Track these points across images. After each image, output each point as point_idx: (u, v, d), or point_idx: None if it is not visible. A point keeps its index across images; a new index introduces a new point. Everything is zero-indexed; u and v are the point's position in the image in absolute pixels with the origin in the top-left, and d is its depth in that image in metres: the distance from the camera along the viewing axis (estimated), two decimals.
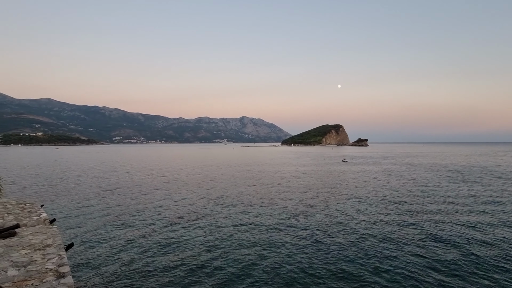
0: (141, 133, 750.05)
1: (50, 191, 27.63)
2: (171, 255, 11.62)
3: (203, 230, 14.93)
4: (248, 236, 13.94)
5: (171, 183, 32.36)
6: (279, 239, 13.39)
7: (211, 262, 10.90)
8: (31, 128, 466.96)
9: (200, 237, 13.82)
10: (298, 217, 17.24)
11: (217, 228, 15.17)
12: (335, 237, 13.54)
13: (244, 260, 11.12)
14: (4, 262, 5.79)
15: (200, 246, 12.60)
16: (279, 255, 11.58)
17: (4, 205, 10.87)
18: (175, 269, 10.34)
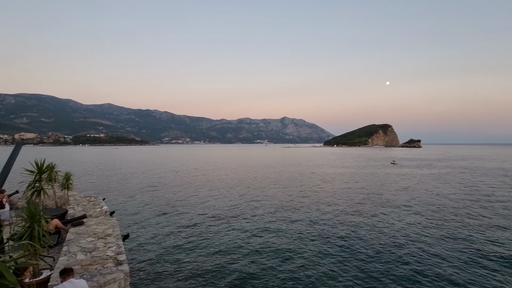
0: (187, 134, 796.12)
1: (110, 186, 30.91)
2: (212, 250, 12.09)
3: (242, 229, 15.21)
4: (283, 238, 13.82)
5: (214, 182, 33.66)
6: (310, 244, 13.00)
7: (246, 262, 11.05)
8: (96, 130, 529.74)
9: (239, 236, 14.11)
10: (336, 223, 16.53)
11: (255, 227, 15.32)
12: (373, 249, 12.65)
13: (275, 265, 11.04)
14: (74, 247, 6.62)
15: (237, 245, 12.86)
16: (307, 260, 11.24)
17: (74, 197, 12.46)
18: (215, 264, 10.72)
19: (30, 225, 5.37)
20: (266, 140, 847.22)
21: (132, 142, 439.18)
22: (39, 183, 7.75)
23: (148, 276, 9.79)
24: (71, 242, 6.92)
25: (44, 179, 7.84)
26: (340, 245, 12.70)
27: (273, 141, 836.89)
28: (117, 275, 5.32)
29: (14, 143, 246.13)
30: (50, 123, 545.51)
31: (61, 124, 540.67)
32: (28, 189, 7.80)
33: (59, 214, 9.26)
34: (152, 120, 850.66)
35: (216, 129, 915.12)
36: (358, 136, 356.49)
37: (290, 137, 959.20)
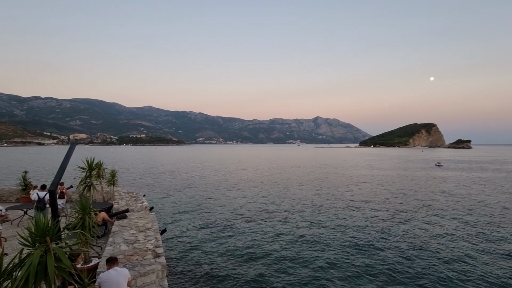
0: (220, 134, 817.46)
1: (149, 183, 33.00)
2: (242, 249, 12.28)
3: (273, 229, 15.21)
4: (312, 241, 13.52)
5: (247, 182, 34.13)
6: (339, 249, 12.51)
7: (275, 262, 11.02)
8: (137, 131, 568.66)
9: (269, 236, 14.13)
10: (368, 228, 15.72)
11: (285, 228, 15.21)
12: (405, 258, 11.78)
13: (303, 268, 10.84)
14: (119, 238, 7.22)
15: (267, 245, 12.89)
16: (334, 265, 10.83)
17: (119, 193, 13.54)
18: (245, 263, 10.88)
19: (82, 216, 5.99)
20: (298, 140, 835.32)
21: (169, 142, 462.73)
22: (89, 179, 8.59)
23: (183, 270, 10.28)
24: (116, 234, 7.55)
25: (93, 175, 8.67)
26: (371, 252, 12.09)
27: (306, 142, 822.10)
28: (155, 267, 5.69)
29: (69, 143, 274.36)
30: (98, 124, 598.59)
31: (108, 126, 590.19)
32: (80, 184, 8.69)
33: (106, 207, 10.13)
34: (188, 121, 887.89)
35: (248, 129, 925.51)
36: (397, 136, 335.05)
37: (323, 137, 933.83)
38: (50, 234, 2.92)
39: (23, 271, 2.63)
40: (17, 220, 10.52)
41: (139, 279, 5.37)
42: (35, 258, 2.66)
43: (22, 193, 13.91)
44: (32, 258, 2.67)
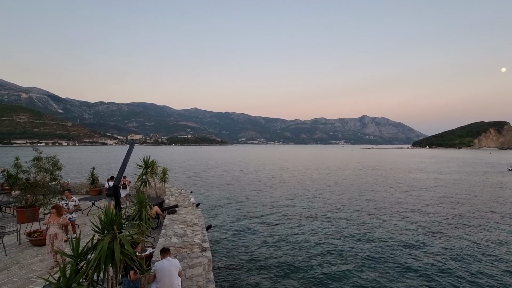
0: (262, 135, 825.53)
1: (196, 180, 34.90)
2: (284, 248, 12.25)
3: (315, 231, 14.85)
4: (356, 248, 12.79)
5: (288, 182, 33.93)
6: (388, 259, 11.56)
7: (317, 265, 10.71)
8: (185, 131, 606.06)
9: (311, 237, 13.82)
10: (422, 238, 14.30)
11: (328, 231, 14.70)
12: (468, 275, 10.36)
13: (345, 273, 10.30)
14: (170, 231, 7.81)
15: (309, 246, 12.61)
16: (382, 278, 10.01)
17: (169, 189, 14.61)
18: (287, 262, 10.82)
19: (139, 209, 6.62)
20: (342, 140, 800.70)
21: (213, 142, 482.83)
22: (145, 176, 9.47)
23: (226, 265, 10.67)
24: (167, 227, 8.18)
25: (149, 172, 9.52)
26: (424, 270, 11.01)
27: (351, 142, 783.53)
28: (202, 260, 6.03)
29: (127, 142, 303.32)
30: (151, 126, 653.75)
31: (159, 127, 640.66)
32: (138, 180, 9.64)
33: (158, 202, 11.03)
34: (231, 122, 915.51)
35: (290, 129, 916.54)
36: (459, 136, 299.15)
37: (370, 138, 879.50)
38: (117, 223, 3.34)
39: (96, 254, 3.07)
40: (87, 210, 12.11)
41: (187, 271, 5.75)
42: (105, 244, 3.08)
43: (91, 187, 15.92)
44: (103, 244, 3.09)
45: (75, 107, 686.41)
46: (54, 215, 7.00)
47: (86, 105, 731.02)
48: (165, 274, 4.37)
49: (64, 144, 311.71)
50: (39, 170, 10.97)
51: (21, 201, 10.44)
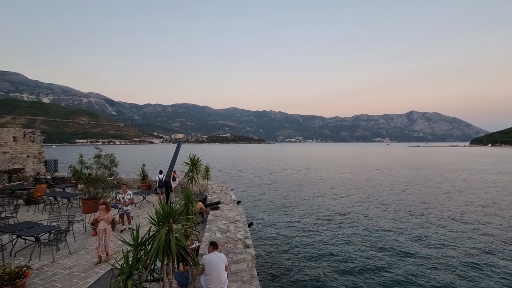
0: (299, 133, 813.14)
1: (236, 178, 35.75)
2: (323, 249, 11.92)
3: (355, 233, 14.15)
4: (397, 256, 11.82)
5: (328, 181, 32.91)
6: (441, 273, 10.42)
7: (357, 269, 10.15)
8: (223, 130, 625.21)
9: (352, 240, 13.20)
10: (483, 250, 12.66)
11: (370, 235, 13.87)
12: None
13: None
14: (214, 226, 8.09)
15: (350, 249, 12.05)
16: None
17: (211, 186, 15.15)
18: (326, 263, 10.48)
19: (186, 204, 6.98)
20: (387, 138, 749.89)
21: (251, 141, 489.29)
22: (191, 173, 9.96)
23: (268, 262, 10.73)
24: (211, 222, 8.48)
25: (194, 170, 9.99)
26: None
27: (397, 140, 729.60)
28: (246, 256, 6.13)
29: (175, 142, 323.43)
30: (193, 125, 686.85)
31: (200, 126, 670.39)
32: (185, 177, 10.19)
33: (202, 198, 11.51)
34: (268, 120, 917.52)
35: (329, 127, 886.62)
36: None
37: (419, 135, 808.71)
38: (172, 217, 3.57)
39: (154, 244, 3.32)
40: (139, 204, 13.18)
41: (232, 266, 5.90)
42: (162, 235, 3.31)
43: (141, 182, 17.27)
44: (160, 235, 3.32)
45: (126, 109, 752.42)
46: (103, 211, 7.35)
47: (136, 107, 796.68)
48: (213, 267, 4.53)
49: (117, 143, 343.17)
50: (99, 166, 12.23)
51: (85, 194, 11.76)
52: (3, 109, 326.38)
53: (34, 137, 20.64)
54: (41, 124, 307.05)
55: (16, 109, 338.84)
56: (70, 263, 7.02)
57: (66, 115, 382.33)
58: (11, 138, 18.93)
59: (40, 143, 21.25)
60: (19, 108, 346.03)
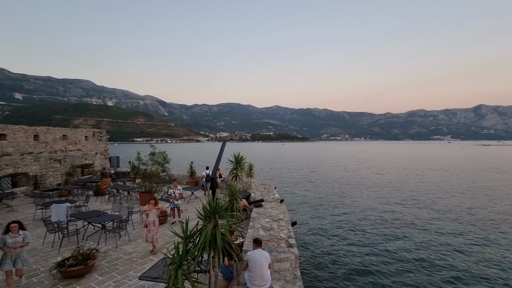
0: (345, 131, 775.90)
1: (279, 176, 35.74)
2: (370, 252, 11.18)
3: (408, 240, 12.92)
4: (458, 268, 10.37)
5: (377, 182, 30.84)
6: None
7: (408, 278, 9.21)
8: (267, 129, 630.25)
9: (403, 246, 12.09)
10: None
11: (424, 243, 12.52)
12: None
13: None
14: (257, 224, 8.19)
15: (401, 256, 11.04)
16: None
17: (255, 184, 15.37)
18: (373, 267, 9.80)
19: (231, 201, 7.19)
20: (448, 136, 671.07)
21: (294, 139, 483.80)
22: (236, 171, 10.26)
23: (312, 263, 10.49)
24: (255, 220, 8.61)
25: (239, 168, 10.27)
26: None
27: (460, 137, 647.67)
28: (289, 256, 6.08)
29: (220, 140, 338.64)
30: (236, 124, 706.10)
31: (243, 125, 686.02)
32: (230, 174, 10.55)
33: (246, 196, 11.75)
34: (312, 118, 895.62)
35: (379, 124, 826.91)
36: None
37: (490, 132, 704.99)
38: (218, 213, 3.73)
39: (201, 238, 3.51)
40: (188, 198, 14.04)
41: (275, 264, 5.90)
42: (209, 230, 3.48)
43: (190, 178, 18.36)
44: (207, 229, 3.50)
45: (176, 110, 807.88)
46: (152, 205, 7.81)
47: (185, 107, 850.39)
48: (257, 264, 4.60)
49: (168, 141, 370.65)
50: (153, 163, 13.35)
51: (142, 187, 12.95)
52: (77, 112, 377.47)
53: (101, 136, 23.41)
54: (106, 124, 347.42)
55: (87, 112, 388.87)
56: (129, 249, 7.81)
57: (126, 116, 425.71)
58: (83, 137, 21.75)
59: (105, 142, 24.05)
60: (89, 111, 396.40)
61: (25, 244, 5.62)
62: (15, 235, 5.52)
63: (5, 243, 5.41)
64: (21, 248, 5.53)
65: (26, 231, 5.75)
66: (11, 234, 5.52)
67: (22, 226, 5.76)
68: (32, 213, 11.39)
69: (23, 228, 5.77)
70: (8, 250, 5.36)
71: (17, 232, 5.56)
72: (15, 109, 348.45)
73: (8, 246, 5.39)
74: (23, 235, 5.61)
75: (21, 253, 5.55)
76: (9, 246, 5.39)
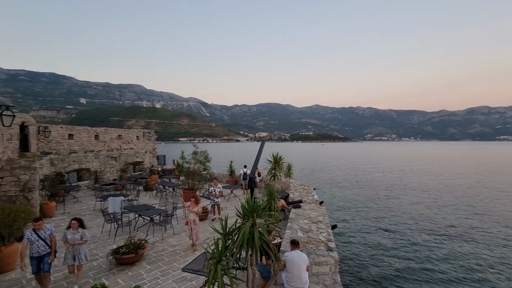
0: (392, 130, 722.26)
1: (318, 177, 34.81)
2: (420, 263, 10.20)
3: (460, 252, 11.50)
4: None
5: (429, 187, 28.18)
6: None
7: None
8: (306, 129, 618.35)
9: (454, 259, 10.78)
10: None
11: (482, 258, 10.99)
12: None
13: None
14: (295, 225, 8.09)
15: (452, 270, 9.85)
16: None
17: (293, 184, 15.20)
18: (418, 276, 8.91)
19: (269, 201, 7.22)
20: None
21: (335, 139, 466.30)
22: (274, 171, 10.27)
23: (353, 269, 10.02)
24: (293, 221, 8.51)
25: (277, 168, 10.27)
26: None
27: None
28: (329, 260, 5.88)
29: (255, 140, 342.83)
30: (275, 124, 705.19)
31: (282, 125, 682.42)
32: (268, 174, 10.60)
33: (284, 196, 11.68)
34: (355, 117, 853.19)
35: (432, 123, 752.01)
36: None
37: None
38: (256, 212, 3.79)
39: (240, 235, 3.60)
40: (227, 197, 14.47)
41: (314, 267, 5.77)
42: (247, 228, 3.56)
43: (229, 177, 18.89)
44: (245, 228, 3.58)
45: (217, 110, 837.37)
46: (194, 203, 8.00)
47: (225, 108, 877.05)
48: (294, 265, 4.54)
49: (210, 141, 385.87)
50: (196, 162, 14.03)
51: (185, 184, 13.70)
52: (130, 114, 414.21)
53: (150, 136, 25.38)
54: (154, 125, 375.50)
55: (138, 114, 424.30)
56: (174, 242, 8.33)
57: (172, 117, 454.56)
58: (134, 137, 23.80)
59: (154, 141, 26.01)
60: (140, 113, 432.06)
61: (83, 242, 5.71)
62: (74, 231, 5.65)
63: (66, 239, 5.61)
64: (79, 245, 5.67)
65: (85, 230, 5.84)
66: (72, 230, 5.66)
67: (82, 224, 5.85)
68: (93, 204, 12.83)
69: (83, 226, 5.86)
70: (68, 246, 5.58)
71: (76, 229, 5.68)
72: (80, 112, 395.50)
73: (68, 241, 5.59)
74: (81, 233, 5.72)
75: (80, 250, 5.69)
76: (68, 242, 5.58)
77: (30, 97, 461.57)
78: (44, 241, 5.41)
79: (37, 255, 5.35)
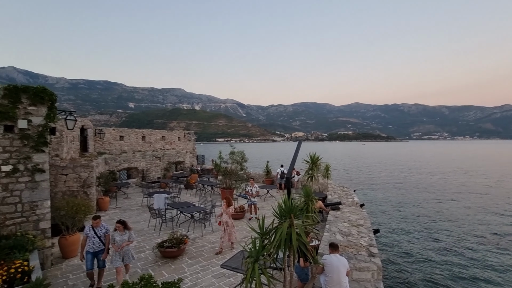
0: (443, 128, 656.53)
1: (358, 179, 33.19)
2: (469, 272, 9.07)
3: None
4: None
5: (491, 193, 25.08)
6: None
7: None
8: (345, 128, 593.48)
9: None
10: None
11: None
12: None
13: None
14: (334, 227, 7.82)
15: None
16: None
17: (331, 185, 14.70)
18: None
19: (306, 202, 7.08)
20: None
21: (377, 139, 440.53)
22: (311, 171, 10.06)
23: (397, 278, 9.36)
24: (331, 223, 8.24)
25: (314, 168, 10.04)
26: None
27: None
28: (371, 266, 5.57)
29: (292, 140, 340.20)
30: (312, 124, 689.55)
31: (319, 124, 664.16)
32: (305, 174, 10.42)
33: (322, 197, 11.36)
34: (399, 115, 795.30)
35: (493, 119, 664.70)
36: None
37: None
38: (294, 212, 3.75)
39: (277, 235, 3.60)
40: (263, 196, 14.53)
41: (354, 273, 5.51)
42: (284, 228, 3.54)
43: (265, 177, 18.96)
44: (283, 228, 3.56)
45: (253, 111, 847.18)
46: (225, 205, 7.97)
47: (261, 108, 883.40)
48: (333, 269, 4.39)
49: (246, 141, 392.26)
50: (233, 162, 14.37)
51: (223, 184, 14.11)
52: (172, 116, 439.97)
53: (190, 137, 26.67)
54: (194, 127, 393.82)
55: (179, 116, 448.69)
56: (212, 239, 8.63)
57: (210, 118, 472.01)
58: (176, 138, 25.20)
59: (193, 142, 27.27)
60: (181, 115, 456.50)
61: (130, 243, 5.85)
62: (122, 233, 5.78)
63: (114, 240, 5.73)
64: (127, 246, 5.80)
65: (131, 231, 5.96)
66: (118, 232, 5.78)
67: (126, 226, 5.90)
68: (140, 200, 13.88)
69: (127, 227, 5.91)
70: (116, 248, 5.65)
71: (122, 231, 5.79)
72: (129, 115, 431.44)
73: (116, 243, 5.70)
74: (128, 234, 5.83)
75: (127, 251, 5.83)
76: (117, 243, 5.69)
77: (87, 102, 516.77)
78: (99, 238, 5.85)
79: (92, 251, 5.78)
